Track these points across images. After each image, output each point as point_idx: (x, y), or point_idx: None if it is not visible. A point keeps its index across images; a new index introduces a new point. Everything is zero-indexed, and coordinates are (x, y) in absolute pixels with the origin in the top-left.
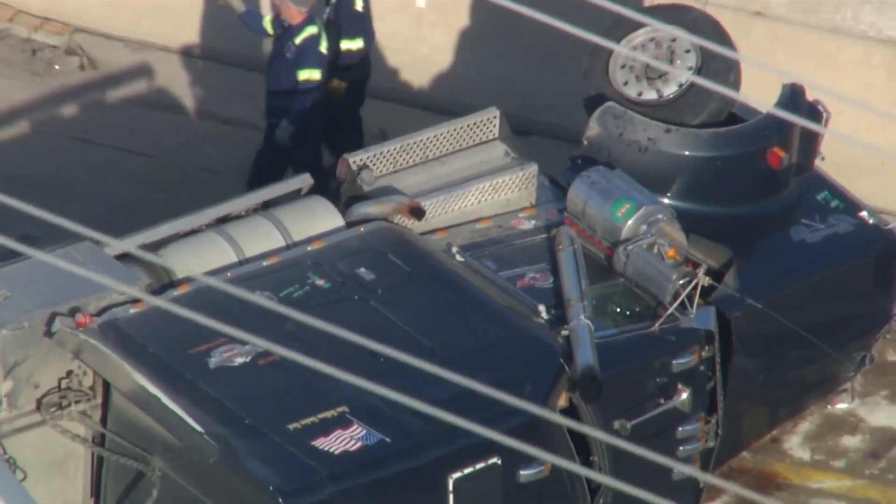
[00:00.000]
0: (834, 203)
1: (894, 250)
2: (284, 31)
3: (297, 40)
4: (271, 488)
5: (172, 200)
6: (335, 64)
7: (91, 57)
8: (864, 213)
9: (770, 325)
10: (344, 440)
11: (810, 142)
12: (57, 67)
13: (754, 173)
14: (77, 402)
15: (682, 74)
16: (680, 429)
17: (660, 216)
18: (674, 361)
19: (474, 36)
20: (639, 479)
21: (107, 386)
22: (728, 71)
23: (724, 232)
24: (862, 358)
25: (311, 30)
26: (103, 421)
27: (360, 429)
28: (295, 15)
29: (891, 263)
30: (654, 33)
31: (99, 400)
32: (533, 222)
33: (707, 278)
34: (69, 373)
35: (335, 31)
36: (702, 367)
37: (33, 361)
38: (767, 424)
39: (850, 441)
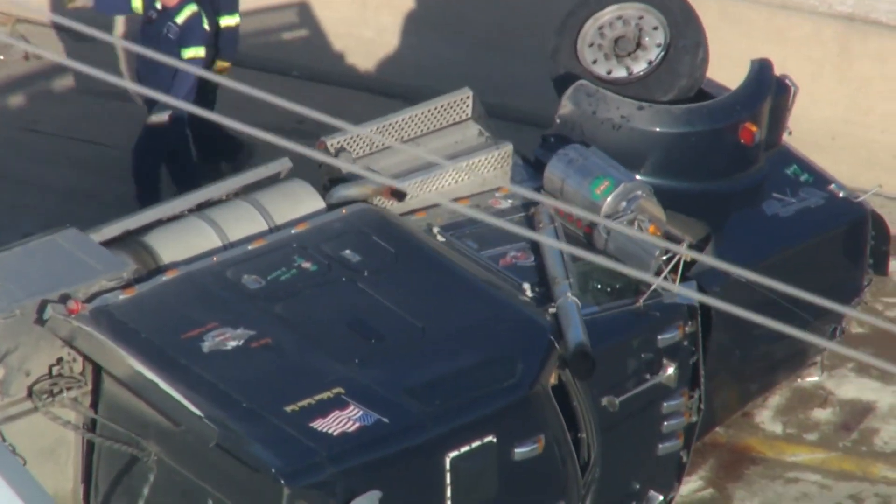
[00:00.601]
0: (803, 177)
1: (864, 222)
2: (161, 12)
3: (179, 20)
4: (273, 470)
5: (124, 189)
6: (214, 43)
7: (35, 46)
8: (833, 187)
9: (746, 300)
10: (342, 421)
11: (778, 116)
12: (1, 58)
13: (727, 148)
14: (69, 388)
15: (652, 51)
16: (665, 404)
17: (639, 192)
18: (659, 337)
19: (420, 19)
20: (625, 454)
21: (97, 372)
22: (697, 47)
23: (699, 207)
24: (833, 330)
25: (192, 7)
26: (94, 407)
27: (357, 410)
28: None
29: (861, 235)
30: (620, 11)
31: (90, 386)
32: (510, 201)
33: (689, 253)
34: (59, 360)
35: (209, 8)
36: (685, 343)
37: (24, 349)
38: (742, 399)
39: (821, 414)
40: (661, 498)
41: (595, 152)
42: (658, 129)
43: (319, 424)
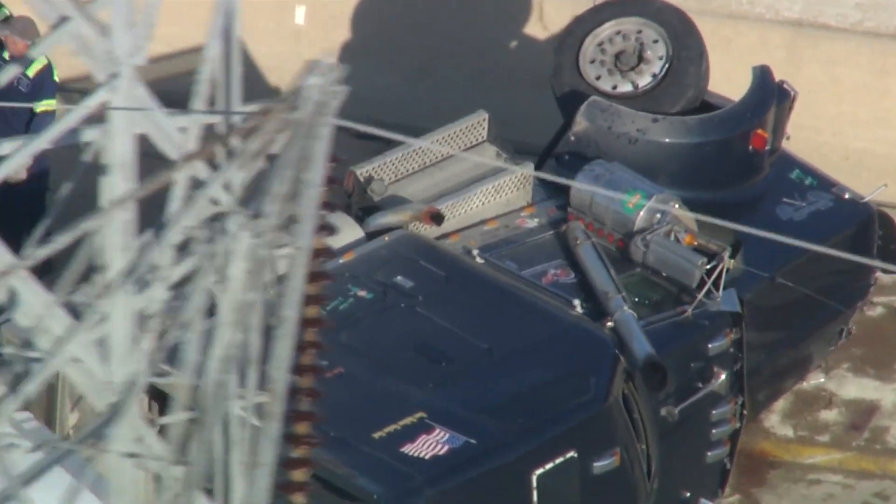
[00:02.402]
0: (808, 181)
1: (872, 222)
2: (7, 62)
3: (31, 72)
4: (375, 496)
5: None
6: None
7: None
8: (837, 188)
9: (774, 304)
10: (431, 444)
11: (779, 122)
12: None
13: (741, 156)
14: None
15: (655, 64)
16: (714, 412)
17: (672, 203)
18: (710, 345)
19: (352, 49)
20: (679, 463)
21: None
22: (700, 57)
23: (719, 216)
24: (839, 332)
25: (43, 60)
26: None
27: (443, 432)
28: (23, 48)
29: (869, 236)
30: (619, 26)
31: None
32: (536, 220)
33: (732, 261)
34: None
35: None
36: (732, 349)
37: None
38: (766, 403)
39: (828, 415)
40: None
41: (619, 167)
42: (674, 141)
43: (410, 449)
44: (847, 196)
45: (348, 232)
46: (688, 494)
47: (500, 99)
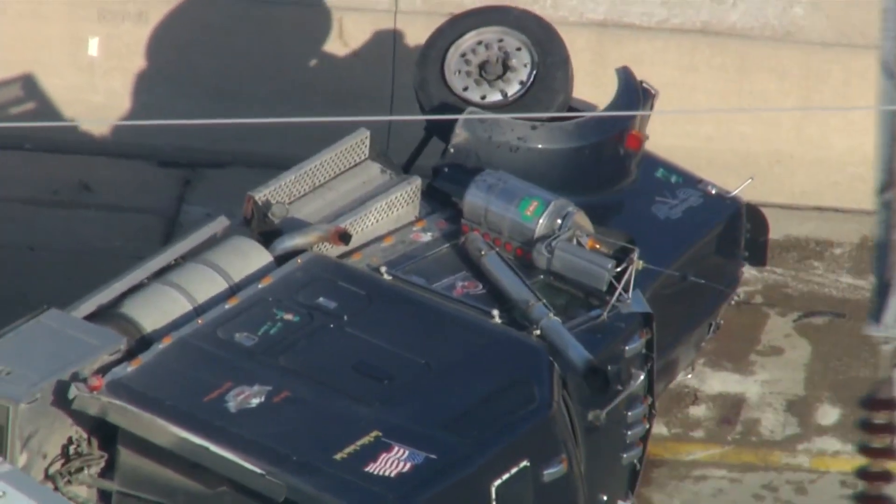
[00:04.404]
0: (673, 178)
1: (740, 216)
2: None
3: None
4: None
5: None
6: None
7: None
8: (703, 185)
9: (664, 303)
10: (393, 463)
11: (643, 123)
12: None
13: (619, 157)
14: (88, 465)
15: (521, 72)
16: (629, 413)
17: (570, 209)
18: (626, 347)
19: (150, 77)
20: (600, 466)
21: (108, 446)
22: (565, 62)
23: (603, 219)
24: (709, 326)
25: None
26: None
27: (402, 450)
28: None
29: (737, 230)
30: (480, 36)
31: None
32: (430, 234)
33: (640, 262)
34: (70, 439)
35: None
36: (644, 350)
37: (43, 432)
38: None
39: (697, 411)
40: None
41: (510, 175)
42: (554, 147)
43: (374, 468)
44: (714, 191)
45: (256, 257)
46: (605, 498)
47: (303, 116)
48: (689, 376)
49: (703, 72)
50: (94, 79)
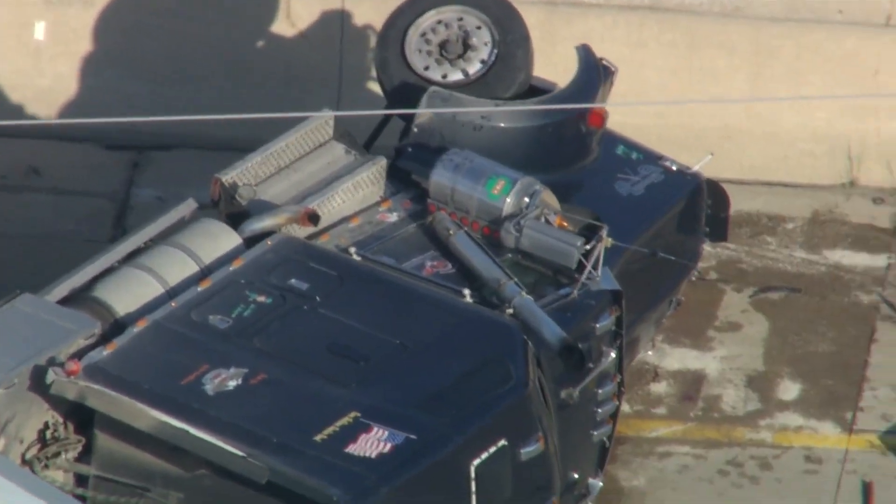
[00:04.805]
0: (634, 155)
1: (701, 192)
2: None
3: None
4: (336, 499)
5: None
6: None
7: None
8: (664, 161)
9: (628, 280)
10: (373, 443)
11: (603, 99)
12: None
13: (582, 135)
14: (66, 450)
15: (482, 51)
16: (600, 391)
17: (537, 187)
18: (597, 325)
19: (98, 60)
20: (572, 444)
21: (84, 430)
22: (525, 40)
23: (567, 197)
24: (670, 302)
25: None
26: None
27: (381, 430)
28: None
29: (698, 205)
30: (439, 15)
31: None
32: (396, 214)
33: (610, 239)
34: (46, 424)
35: None
36: (614, 327)
37: (20, 417)
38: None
39: (658, 388)
40: (600, 485)
41: (475, 154)
42: (518, 125)
43: (354, 449)
44: (675, 167)
45: (226, 239)
46: (576, 476)
47: (251, 98)
48: (650, 353)
49: (653, 48)
50: (41, 63)
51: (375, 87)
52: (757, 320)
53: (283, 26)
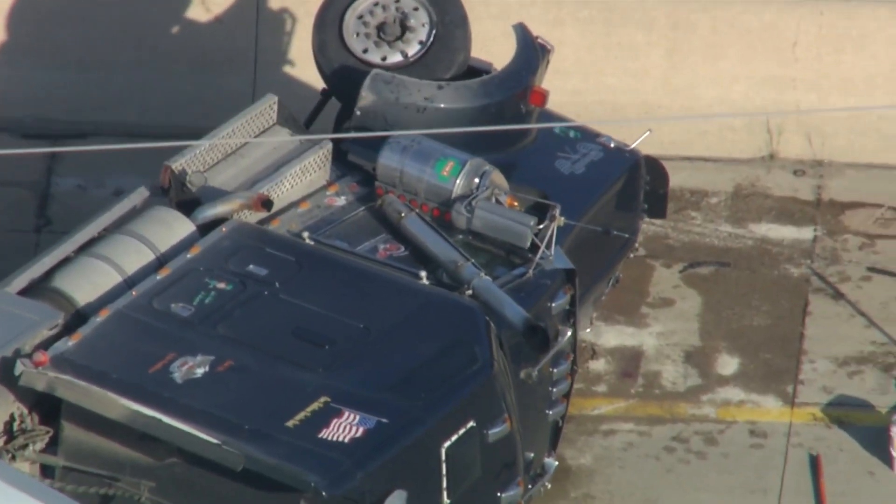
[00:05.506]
0: (572, 133)
1: (639, 168)
2: None
3: None
4: (313, 484)
5: None
6: None
7: None
8: (602, 139)
9: (572, 258)
10: (346, 428)
11: (540, 78)
12: None
13: (523, 115)
14: (33, 442)
15: (420, 32)
16: (555, 370)
17: (486, 168)
18: (552, 304)
19: (12, 51)
20: (527, 422)
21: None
22: (463, 20)
23: (511, 176)
24: (609, 280)
25: None
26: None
27: (353, 415)
28: None
29: (636, 183)
30: None
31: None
32: (344, 198)
33: (562, 218)
34: (12, 416)
35: None
36: (568, 306)
37: None
38: None
39: (597, 365)
40: (555, 464)
41: (422, 136)
42: (461, 106)
43: (327, 434)
44: (613, 145)
45: (179, 226)
46: (531, 455)
47: (165, 84)
48: (588, 331)
49: (570, 25)
50: None
51: (291, 70)
52: (689, 295)
53: (197, 11)
